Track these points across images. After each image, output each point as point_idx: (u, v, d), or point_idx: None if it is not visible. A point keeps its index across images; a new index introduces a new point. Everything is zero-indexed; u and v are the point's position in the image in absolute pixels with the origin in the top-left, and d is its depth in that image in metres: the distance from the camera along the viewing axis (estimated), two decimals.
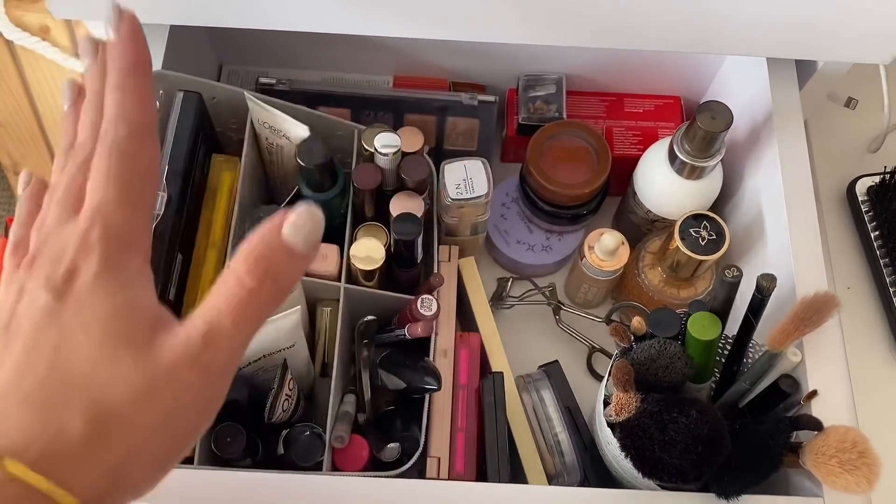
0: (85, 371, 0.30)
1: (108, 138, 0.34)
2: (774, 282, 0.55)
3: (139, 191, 0.34)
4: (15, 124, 1.29)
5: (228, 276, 0.32)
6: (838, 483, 0.49)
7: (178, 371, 0.31)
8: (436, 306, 0.61)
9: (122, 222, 0.33)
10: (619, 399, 0.53)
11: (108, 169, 0.33)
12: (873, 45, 0.60)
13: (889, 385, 0.73)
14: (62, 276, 0.32)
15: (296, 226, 0.32)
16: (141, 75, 0.35)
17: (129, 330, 0.31)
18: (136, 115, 0.34)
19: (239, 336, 0.32)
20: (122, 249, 0.32)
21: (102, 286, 0.31)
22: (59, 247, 0.32)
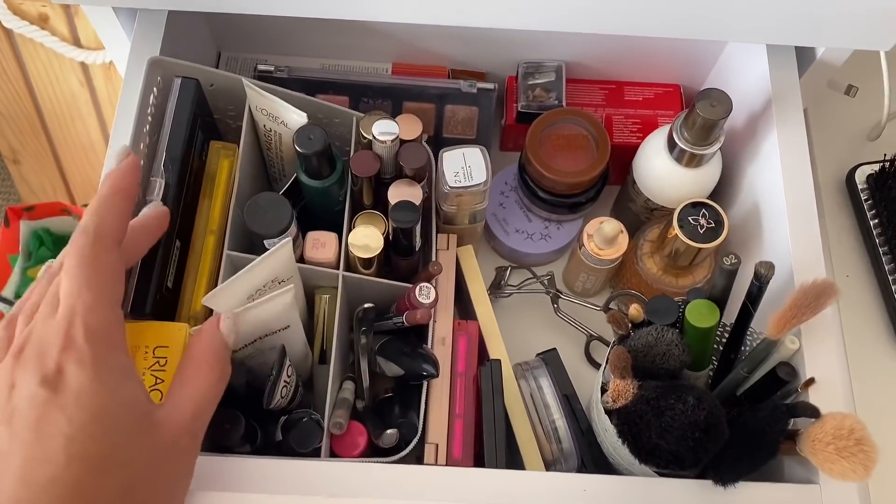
0: (103, 454, 0.35)
1: (77, 244, 0.39)
2: (772, 269, 0.55)
3: (111, 294, 0.39)
4: (13, 113, 1.29)
5: (200, 366, 0.43)
6: (835, 470, 0.49)
7: (178, 440, 0.40)
8: (434, 294, 0.61)
9: (99, 323, 0.38)
10: (617, 386, 0.53)
11: (80, 275, 0.38)
12: (874, 32, 0.60)
13: (887, 373, 0.73)
14: (53, 375, 0.36)
15: (228, 324, 0.45)
16: (124, 198, 0.42)
17: (135, 416, 0.37)
18: (105, 225, 0.40)
19: (211, 409, 0.43)
20: (106, 346, 0.38)
21: (97, 382, 0.36)
22: (43, 345, 0.36)
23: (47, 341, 0.36)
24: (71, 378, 0.35)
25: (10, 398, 0.35)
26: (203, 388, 0.42)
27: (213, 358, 0.43)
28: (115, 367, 0.37)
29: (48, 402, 0.35)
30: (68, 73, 1.17)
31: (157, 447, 0.38)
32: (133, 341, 0.55)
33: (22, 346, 0.37)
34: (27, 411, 0.35)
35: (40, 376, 0.35)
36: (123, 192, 0.43)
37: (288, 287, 0.54)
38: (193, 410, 0.41)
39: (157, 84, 0.62)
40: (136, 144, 0.59)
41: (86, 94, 1.21)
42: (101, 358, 0.37)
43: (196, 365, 0.43)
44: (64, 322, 0.37)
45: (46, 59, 1.15)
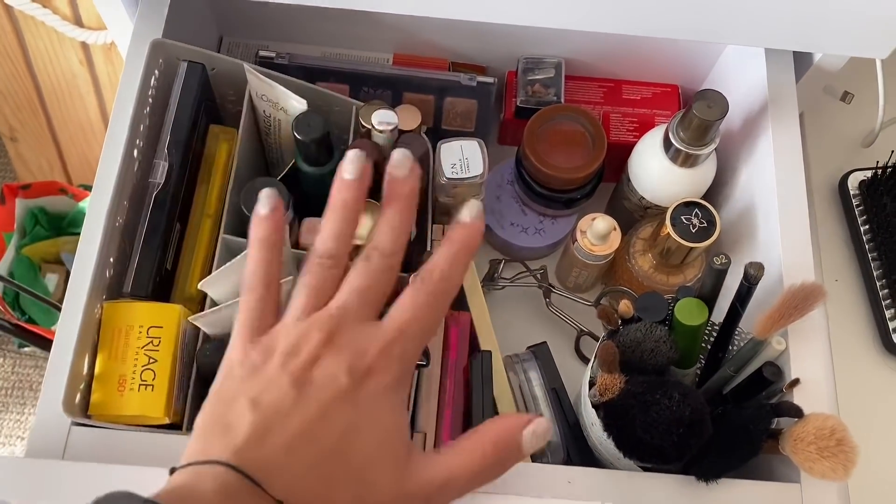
0: (363, 463, 0.35)
1: (434, 282, 0.39)
2: (762, 270, 0.56)
3: (430, 337, 0.40)
4: (13, 91, 1.29)
5: (477, 447, 0.37)
6: (815, 469, 0.50)
7: (416, 500, 0.36)
8: None
9: (413, 353, 0.38)
10: (604, 380, 0.53)
11: (424, 307, 0.38)
12: (871, 39, 0.61)
13: (873, 377, 0.74)
14: (363, 370, 0.36)
15: (535, 436, 0.37)
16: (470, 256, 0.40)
17: (400, 448, 0.36)
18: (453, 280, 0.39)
19: (460, 494, 0.38)
20: (406, 374, 0.38)
21: (390, 400, 0.36)
22: (362, 344, 0.37)
23: (365, 341, 0.37)
24: (373, 383, 0.36)
25: (311, 369, 0.35)
26: (467, 471, 0.37)
27: (498, 451, 0.37)
28: (403, 394, 0.38)
29: (346, 391, 0.35)
30: (69, 52, 1.17)
31: (396, 494, 0.36)
32: (128, 321, 0.55)
33: (334, 329, 0.37)
34: (323, 389, 0.35)
35: (349, 365, 0.36)
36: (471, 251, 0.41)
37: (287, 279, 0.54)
38: (442, 482, 0.37)
39: (159, 66, 0.62)
40: (137, 125, 0.59)
41: (86, 73, 1.20)
42: (401, 382, 0.37)
43: (476, 445, 0.38)
44: (390, 335, 0.37)
45: (47, 37, 1.14)
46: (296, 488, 0.33)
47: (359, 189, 0.42)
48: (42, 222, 1.43)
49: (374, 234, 0.41)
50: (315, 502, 0.34)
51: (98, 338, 0.55)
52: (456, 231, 0.41)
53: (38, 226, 1.42)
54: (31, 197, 1.41)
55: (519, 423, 0.38)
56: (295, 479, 0.33)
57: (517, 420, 0.38)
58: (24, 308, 1.39)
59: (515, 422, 0.38)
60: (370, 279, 0.39)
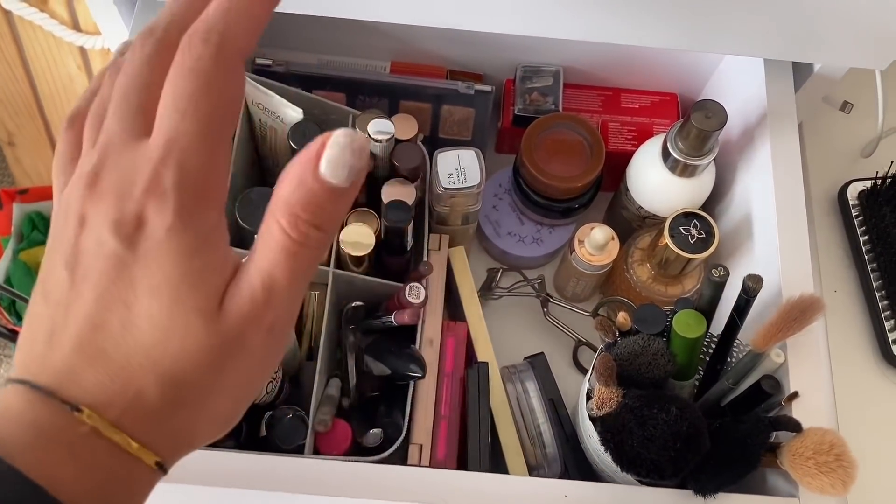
0: (158, 337, 0.29)
1: (195, 52, 0.28)
2: (760, 283, 0.55)
3: (221, 128, 0.29)
4: (10, 95, 1.29)
5: (272, 231, 0.29)
6: (814, 484, 0.49)
7: (246, 336, 0.30)
8: (424, 294, 0.61)
9: (199, 166, 0.29)
10: (601, 393, 0.53)
11: (191, 94, 0.28)
12: (870, 51, 0.61)
13: (872, 389, 0.74)
14: (130, 223, 0.28)
15: (332, 161, 0.28)
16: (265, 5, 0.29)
17: (200, 298, 0.29)
18: (233, 34, 0.29)
19: (294, 291, 0.30)
20: (198, 201, 0.29)
21: (175, 244, 0.28)
22: (127, 179, 0.28)
23: (130, 173, 0.28)
24: (148, 232, 0.28)
25: (79, 238, 0.29)
26: (280, 266, 0.29)
27: (297, 217, 0.28)
28: (201, 228, 0.29)
29: (117, 257, 0.28)
30: (66, 57, 1.16)
31: (215, 342, 0.29)
32: None
33: (97, 171, 0.29)
34: (93, 262, 0.29)
35: (114, 220, 0.28)
36: None
37: None
38: (265, 296, 0.29)
39: None
40: None
41: (83, 78, 1.20)
42: (189, 214, 0.29)
43: (271, 225, 0.29)
44: (155, 155, 0.28)
45: (45, 41, 1.14)
46: (95, 390, 0.29)
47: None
48: (39, 227, 1.42)
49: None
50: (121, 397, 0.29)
51: None
52: None
53: (35, 230, 1.42)
54: (28, 201, 1.40)
55: (308, 165, 0.28)
56: (91, 381, 0.29)
57: (304, 162, 0.28)
58: (20, 313, 1.38)
59: (302, 166, 0.28)
60: (126, 88, 0.30)
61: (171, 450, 0.30)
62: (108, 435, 0.28)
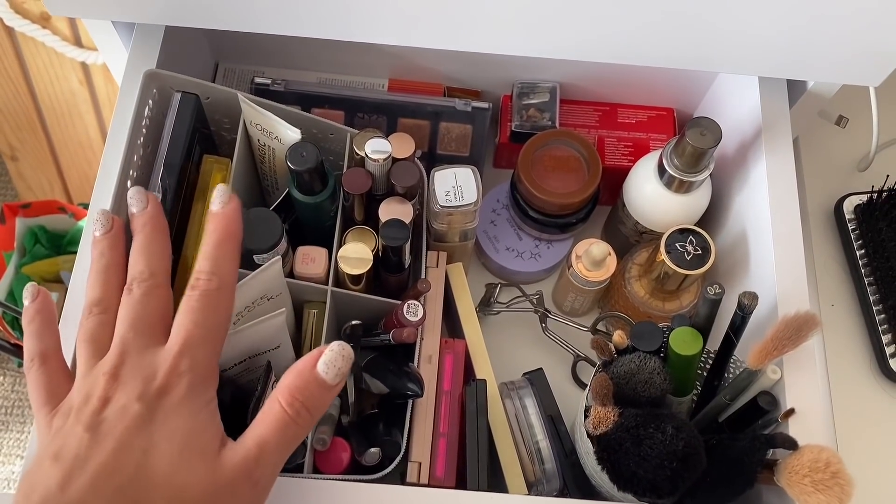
0: (167, 473, 0.37)
1: (201, 286, 0.41)
2: (756, 300, 0.55)
3: (219, 335, 0.42)
4: (13, 110, 1.30)
5: (273, 406, 0.40)
6: (811, 502, 0.49)
7: (237, 483, 0.38)
8: (422, 312, 0.61)
9: (205, 358, 0.40)
10: (597, 413, 0.53)
11: (200, 313, 0.40)
12: (864, 68, 0.61)
13: (870, 403, 0.74)
14: (154, 393, 0.38)
15: (327, 363, 0.40)
16: (235, 245, 0.44)
17: (204, 444, 0.38)
18: (227, 275, 0.42)
19: (280, 457, 0.40)
20: (203, 380, 0.40)
21: (186, 406, 0.39)
22: (149, 369, 0.39)
23: (152, 366, 0.39)
24: (168, 400, 0.38)
25: (102, 410, 0.38)
26: (273, 432, 0.40)
27: (294, 398, 0.40)
28: (203, 398, 0.40)
29: (140, 417, 0.37)
30: (68, 72, 1.17)
31: (212, 485, 0.38)
32: None
33: (117, 369, 0.39)
34: (116, 422, 0.37)
35: (140, 392, 0.38)
36: (235, 238, 0.44)
37: (280, 310, 0.54)
38: (256, 455, 0.39)
39: (153, 96, 0.63)
40: (131, 156, 0.59)
41: (85, 93, 1.21)
42: (198, 388, 0.39)
43: (272, 403, 0.40)
44: (175, 350, 0.39)
45: (47, 57, 1.15)
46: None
47: (109, 240, 0.45)
48: (42, 241, 1.43)
49: (130, 265, 0.43)
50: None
51: None
52: (210, 223, 0.44)
53: (38, 244, 1.43)
54: (31, 216, 1.41)
55: (309, 362, 0.40)
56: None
57: (307, 360, 0.40)
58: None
59: (304, 363, 0.40)
60: (137, 306, 0.41)
61: None
62: None
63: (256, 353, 0.58)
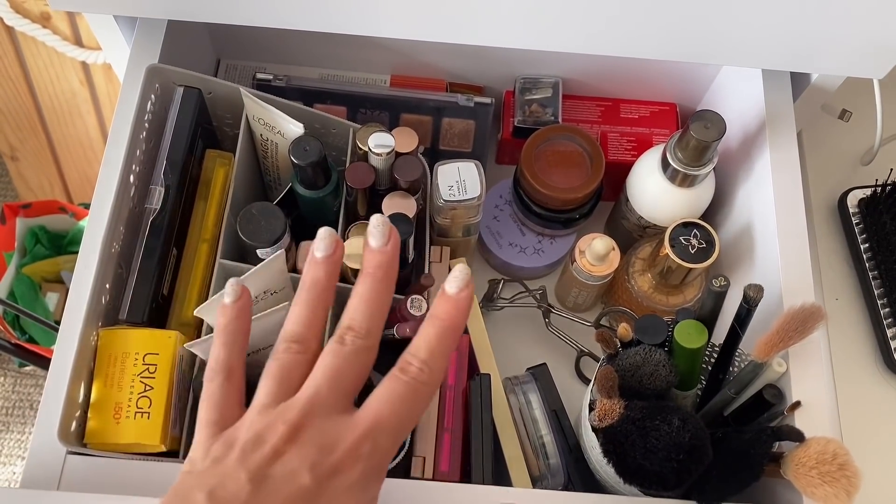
0: None
1: (413, 374, 0.37)
2: (761, 292, 0.55)
3: (407, 431, 0.38)
4: (13, 110, 1.29)
5: None
6: (818, 494, 0.49)
7: None
8: (425, 307, 0.61)
9: (387, 450, 0.36)
10: (603, 405, 0.53)
11: (402, 400, 0.36)
12: (868, 60, 0.61)
13: (875, 397, 0.74)
14: (328, 469, 0.35)
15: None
16: (454, 339, 0.39)
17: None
18: (439, 370, 0.38)
19: None
20: (377, 472, 0.36)
21: (354, 497, 0.35)
22: (330, 439, 0.35)
23: (334, 436, 0.35)
24: (337, 482, 0.35)
25: (272, 465, 0.34)
26: None
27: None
28: (372, 490, 0.36)
29: (307, 490, 0.34)
30: (69, 72, 1.17)
31: None
32: (124, 348, 0.55)
33: (301, 423, 0.35)
34: (282, 485, 0.34)
35: (313, 462, 0.34)
36: (459, 331, 0.39)
37: (284, 304, 0.54)
38: None
39: (156, 91, 0.62)
40: (133, 150, 0.59)
41: (86, 92, 1.21)
42: (370, 479, 0.36)
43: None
44: (361, 428, 0.36)
45: (47, 57, 1.15)
46: None
47: (329, 266, 0.40)
48: (42, 241, 1.43)
49: (348, 311, 0.39)
50: None
51: (94, 365, 0.55)
52: (439, 307, 0.39)
53: (38, 245, 1.42)
54: (31, 216, 1.41)
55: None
56: None
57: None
58: (24, 328, 1.39)
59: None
60: (343, 364, 0.37)
61: None
62: None
63: (259, 347, 0.57)
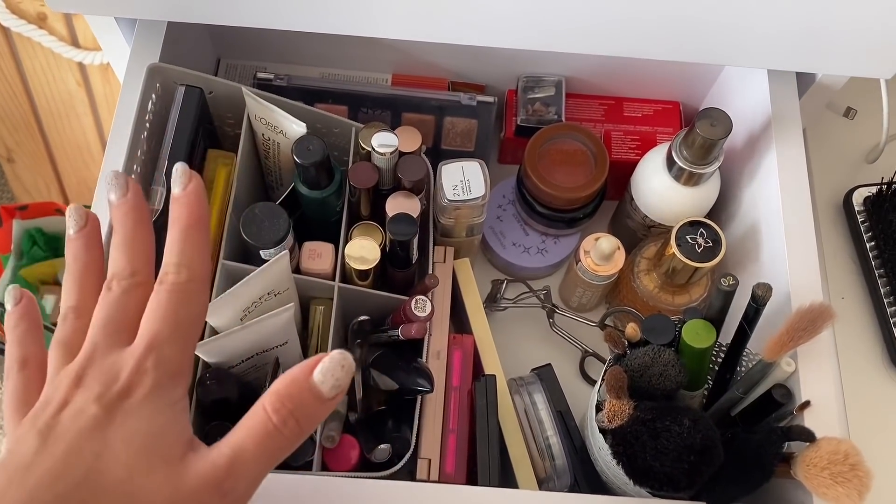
0: (120, 477, 0.33)
1: (169, 280, 0.37)
2: (770, 291, 0.55)
3: (191, 331, 0.38)
4: (9, 111, 1.29)
5: (257, 411, 0.35)
6: (829, 495, 0.49)
7: (201, 493, 0.34)
8: (430, 307, 0.61)
9: (173, 356, 0.36)
10: (612, 406, 0.52)
11: (168, 308, 0.37)
12: (874, 60, 0.60)
13: (882, 395, 0.73)
14: (115, 394, 0.35)
15: (324, 372, 0.35)
16: (203, 231, 0.39)
17: (166, 448, 0.35)
18: (197, 265, 0.38)
19: (258, 469, 0.35)
20: (171, 377, 0.36)
21: (149, 406, 0.35)
22: (113, 371, 0.35)
23: (116, 368, 0.35)
24: (129, 401, 0.35)
25: (59, 415, 0.34)
26: (253, 440, 0.35)
27: (282, 405, 0.35)
28: (169, 398, 0.36)
29: (95, 420, 0.34)
30: (65, 73, 1.16)
31: (172, 495, 0.34)
32: None
33: (82, 371, 0.36)
34: (70, 425, 0.34)
35: (97, 394, 0.35)
36: (202, 223, 0.40)
37: (288, 305, 0.54)
38: (228, 463, 0.35)
39: (157, 91, 0.62)
40: (134, 150, 0.59)
41: (82, 94, 1.20)
42: (164, 387, 0.36)
43: (256, 410, 0.35)
44: (139, 350, 0.36)
45: (44, 58, 1.14)
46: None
47: (84, 239, 0.41)
48: (39, 243, 1.42)
49: (110, 262, 0.40)
50: None
51: None
52: (173, 211, 0.39)
53: (35, 247, 1.41)
54: (28, 218, 1.40)
55: (305, 369, 0.36)
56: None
57: (303, 366, 0.36)
58: None
59: (299, 369, 0.36)
60: (112, 308, 0.38)
61: None
62: None
63: (264, 349, 0.57)
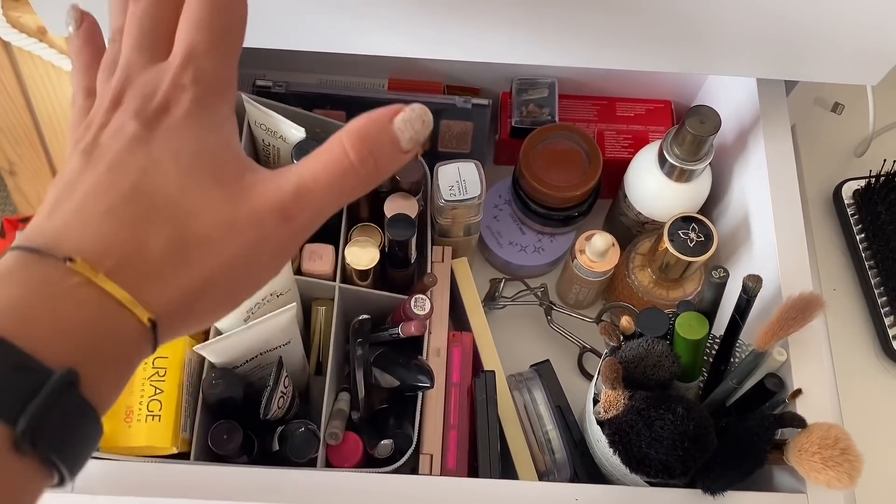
0: (171, 195, 0.31)
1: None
2: (760, 282, 0.56)
3: (230, 40, 0.34)
4: (11, 125, 1.30)
5: (333, 146, 0.32)
6: (821, 479, 0.50)
7: (264, 214, 0.31)
8: (429, 306, 0.62)
9: (213, 68, 0.33)
10: (608, 396, 0.54)
11: (202, 16, 0.33)
12: (861, 67, 0.60)
13: (873, 384, 0.75)
14: (154, 110, 0.32)
15: (406, 121, 0.33)
16: None
17: (219, 167, 0.32)
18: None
19: (327, 200, 0.32)
20: (213, 93, 0.33)
21: (192, 124, 0.32)
22: (150, 86, 0.32)
23: (154, 83, 0.32)
24: (170, 117, 0.32)
25: (100, 135, 0.32)
26: (326, 172, 0.32)
27: (362, 143, 0.32)
28: (216, 115, 0.33)
29: (137, 135, 0.31)
30: (66, 85, 1.18)
31: (230, 214, 0.31)
32: None
33: (120, 91, 0.33)
34: (109, 141, 0.32)
35: (136, 110, 0.32)
36: None
37: (290, 306, 0.55)
38: (296, 188, 0.32)
39: None
40: None
41: None
42: (206, 102, 0.32)
43: (334, 142, 0.32)
44: (176, 63, 0.32)
45: (44, 71, 1.15)
46: (93, 241, 0.30)
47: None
48: None
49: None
50: (120, 249, 0.30)
51: None
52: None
53: None
54: None
55: (387, 113, 0.33)
56: (89, 233, 0.30)
57: (384, 111, 0.33)
58: None
59: (382, 112, 0.33)
60: (142, 21, 0.34)
61: (166, 311, 0.30)
62: (99, 284, 0.28)
63: (267, 349, 0.58)
